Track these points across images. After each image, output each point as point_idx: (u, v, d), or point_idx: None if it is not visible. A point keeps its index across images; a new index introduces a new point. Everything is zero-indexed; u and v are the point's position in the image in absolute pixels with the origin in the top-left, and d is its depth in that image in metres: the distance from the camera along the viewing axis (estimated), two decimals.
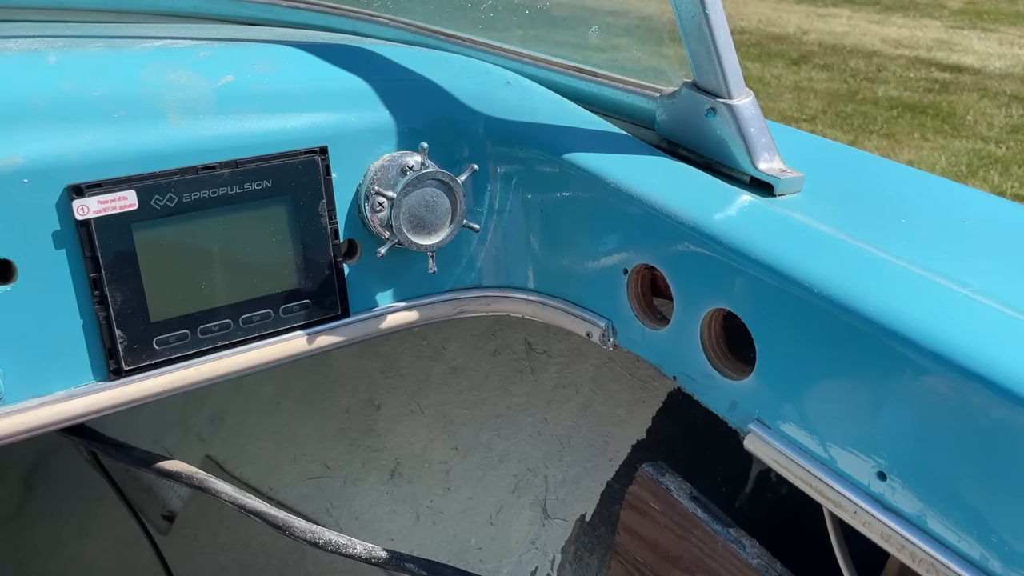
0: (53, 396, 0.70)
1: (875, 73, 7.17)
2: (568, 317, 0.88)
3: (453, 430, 1.37)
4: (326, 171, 0.79)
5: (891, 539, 0.62)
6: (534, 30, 1.12)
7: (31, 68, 0.72)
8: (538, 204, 0.87)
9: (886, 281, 0.64)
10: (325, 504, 1.45)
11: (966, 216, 0.80)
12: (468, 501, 1.34)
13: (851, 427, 0.64)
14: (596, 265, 0.83)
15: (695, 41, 0.79)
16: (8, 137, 0.66)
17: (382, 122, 0.82)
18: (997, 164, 5.18)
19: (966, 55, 7.83)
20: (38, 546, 1.79)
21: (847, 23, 9.17)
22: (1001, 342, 0.58)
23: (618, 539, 0.96)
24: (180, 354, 0.75)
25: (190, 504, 1.65)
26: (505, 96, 0.91)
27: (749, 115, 0.80)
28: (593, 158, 0.82)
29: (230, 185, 0.74)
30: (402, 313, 0.87)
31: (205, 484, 0.84)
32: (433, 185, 0.80)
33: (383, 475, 1.41)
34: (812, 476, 0.67)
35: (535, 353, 1.28)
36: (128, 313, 0.71)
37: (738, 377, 0.73)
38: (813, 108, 6.18)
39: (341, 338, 0.83)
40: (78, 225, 0.68)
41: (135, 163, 0.70)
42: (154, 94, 0.73)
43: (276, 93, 0.78)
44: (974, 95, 6.58)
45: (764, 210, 0.76)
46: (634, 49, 1.03)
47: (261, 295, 0.78)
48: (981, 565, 0.57)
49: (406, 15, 1.12)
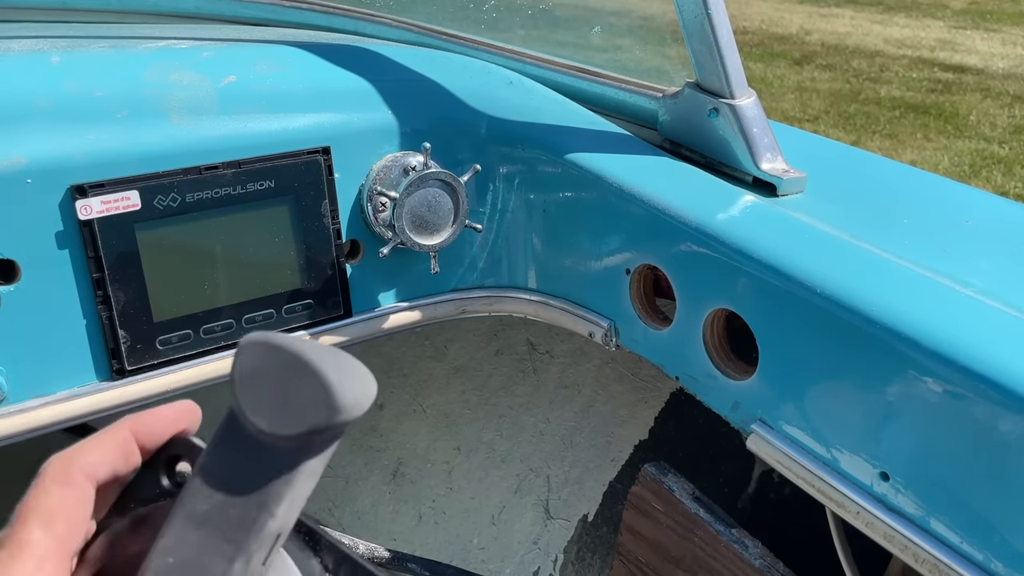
0: (56, 396, 0.70)
1: (878, 73, 7.16)
2: (570, 317, 0.88)
3: (455, 430, 1.37)
4: (329, 171, 0.79)
5: (894, 540, 0.62)
6: (536, 30, 1.12)
7: (35, 68, 0.73)
8: (540, 204, 0.87)
9: (889, 281, 0.64)
10: (327, 504, 1.45)
11: (969, 216, 0.80)
12: (470, 501, 1.34)
13: (854, 427, 0.64)
14: (598, 265, 0.83)
15: (698, 41, 0.79)
16: (12, 137, 0.66)
17: (385, 122, 0.82)
18: (1000, 164, 5.18)
19: (969, 55, 7.82)
20: None
21: (850, 23, 9.16)
22: (1003, 342, 0.57)
23: (620, 539, 0.96)
24: (183, 354, 0.75)
25: None
26: (508, 96, 0.91)
27: (752, 115, 0.80)
28: (595, 158, 0.82)
29: (233, 185, 0.74)
30: (405, 313, 0.87)
31: None
32: (436, 185, 0.80)
33: (385, 475, 1.41)
34: (815, 476, 0.67)
35: (537, 353, 1.28)
36: (131, 313, 0.71)
37: (740, 377, 0.73)
38: (816, 108, 6.17)
39: (343, 338, 0.83)
40: (81, 225, 0.68)
41: (138, 163, 0.70)
42: (157, 94, 0.73)
43: (279, 93, 0.78)
44: (977, 95, 6.57)
45: (767, 210, 0.76)
46: (636, 49, 1.03)
47: (264, 295, 0.78)
48: (984, 566, 0.57)
49: (409, 15, 1.12)
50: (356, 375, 0.37)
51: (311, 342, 0.38)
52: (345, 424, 0.36)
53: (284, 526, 0.38)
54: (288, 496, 0.37)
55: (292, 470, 0.37)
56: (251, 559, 0.37)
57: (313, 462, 0.37)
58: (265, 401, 0.36)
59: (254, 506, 0.37)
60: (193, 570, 0.37)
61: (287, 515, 0.37)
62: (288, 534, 0.39)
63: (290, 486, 0.37)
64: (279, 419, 0.36)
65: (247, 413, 0.37)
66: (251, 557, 0.37)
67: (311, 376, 0.35)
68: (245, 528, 0.37)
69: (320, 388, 0.35)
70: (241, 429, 0.37)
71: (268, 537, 0.37)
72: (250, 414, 0.37)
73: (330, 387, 0.35)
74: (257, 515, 0.37)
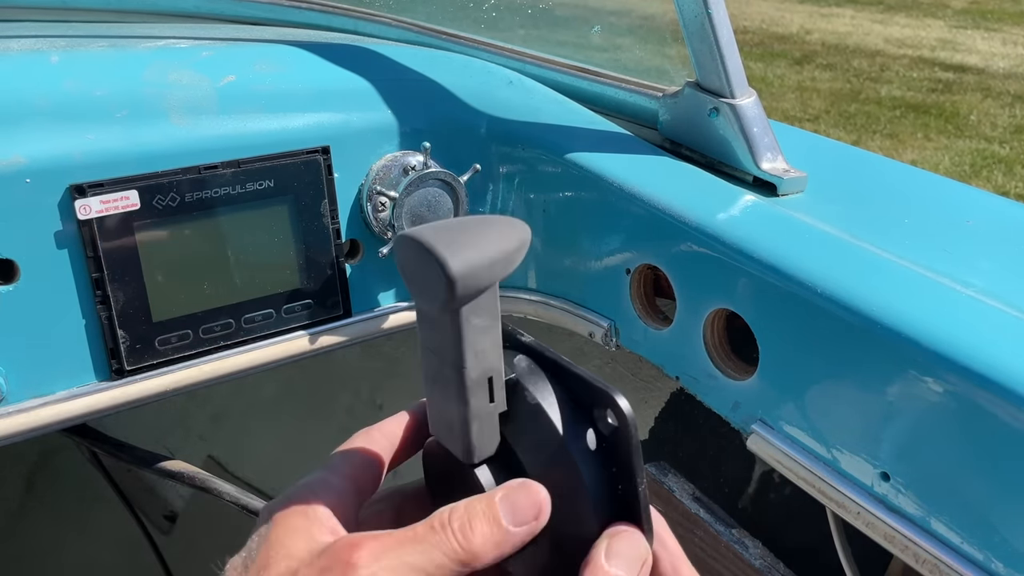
0: (55, 396, 0.70)
1: (878, 73, 7.16)
2: (570, 317, 0.88)
3: None
4: (328, 171, 0.79)
5: (895, 540, 0.62)
6: (536, 30, 1.11)
7: (33, 68, 0.72)
8: (540, 204, 0.87)
9: (889, 281, 0.64)
10: None
11: (969, 216, 0.80)
12: None
13: (854, 428, 0.64)
14: (599, 265, 0.83)
15: (698, 41, 0.78)
16: (10, 137, 0.66)
17: (384, 122, 0.82)
18: (1000, 164, 5.18)
19: (970, 55, 7.83)
20: (39, 545, 1.79)
21: (850, 23, 9.17)
22: (1004, 342, 0.57)
23: None
24: (182, 354, 0.75)
25: (192, 504, 1.65)
26: (507, 96, 0.91)
27: (752, 115, 0.80)
28: (595, 158, 0.82)
29: (232, 185, 0.74)
30: (404, 313, 0.87)
31: (207, 484, 0.83)
32: (435, 185, 0.80)
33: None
34: (815, 477, 0.67)
35: None
36: (130, 313, 0.71)
37: (741, 378, 0.73)
38: (816, 108, 6.17)
39: (343, 338, 0.83)
40: (80, 225, 0.68)
41: (137, 163, 0.70)
42: (156, 94, 0.73)
43: (278, 93, 0.78)
44: (977, 95, 6.57)
45: (767, 210, 0.76)
46: (637, 49, 1.03)
47: (263, 295, 0.77)
48: (985, 566, 0.57)
49: (408, 15, 1.12)
50: (482, 246, 0.44)
51: (447, 221, 0.46)
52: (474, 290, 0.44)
53: (484, 372, 0.46)
54: (468, 351, 0.45)
55: (459, 330, 0.45)
56: (469, 403, 0.46)
57: (476, 320, 0.45)
58: (416, 284, 0.44)
59: (450, 365, 0.46)
60: (445, 418, 0.48)
61: (478, 365, 0.46)
62: (501, 375, 0.47)
63: (466, 342, 0.45)
64: (427, 296, 0.44)
65: (413, 297, 0.46)
66: (469, 401, 0.46)
67: (428, 255, 0.42)
68: (454, 382, 0.46)
69: (435, 265, 0.42)
70: (420, 310, 0.47)
71: (477, 384, 0.46)
72: (413, 297, 0.46)
73: (443, 263, 0.42)
74: (454, 372, 0.46)
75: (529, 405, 0.48)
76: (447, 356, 0.46)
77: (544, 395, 0.48)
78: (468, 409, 0.47)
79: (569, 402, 0.48)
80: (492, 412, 0.48)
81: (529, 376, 0.49)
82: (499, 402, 0.48)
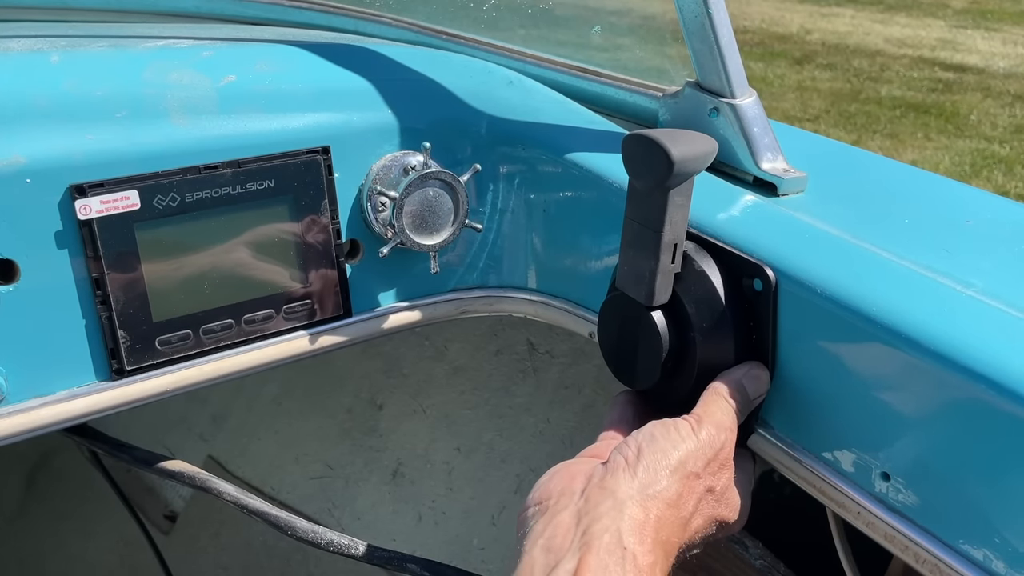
0: (55, 396, 0.70)
1: (878, 73, 7.16)
2: (571, 317, 0.88)
3: (455, 430, 1.37)
4: (328, 171, 0.79)
5: (895, 540, 0.62)
6: (536, 30, 1.11)
7: (34, 68, 0.72)
8: (541, 204, 0.87)
9: (889, 281, 0.64)
10: (327, 504, 1.45)
11: (969, 216, 0.80)
12: (470, 501, 1.34)
13: (855, 427, 0.64)
14: (599, 265, 0.83)
15: (698, 40, 0.78)
16: (10, 137, 0.66)
17: (384, 122, 0.82)
18: (1001, 164, 5.18)
19: (970, 55, 7.83)
20: (40, 546, 1.79)
21: (850, 22, 9.16)
22: (1005, 342, 0.57)
23: None
24: (182, 354, 0.75)
25: (192, 504, 1.65)
26: (508, 96, 0.91)
27: (752, 115, 0.80)
28: (596, 158, 0.82)
29: (232, 185, 0.74)
30: (404, 313, 0.87)
31: (207, 484, 0.83)
32: (436, 185, 0.80)
33: (385, 475, 1.41)
34: (815, 476, 0.67)
35: (537, 353, 1.28)
36: (130, 313, 0.71)
37: None
38: (816, 108, 6.17)
39: (343, 338, 0.83)
40: (80, 225, 0.68)
41: (137, 163, 0.70)
42: (156, 94, 0.73)
43: (278, 93, 0.78)
44: (978, 95, 6.57)
45: (767, 210, 0.76)
46: (637, 48, 1.03)
47: (263, 295, 0.77)
48: (985, 566, 0.57)
49: (409, 15, 1.12)
50: (692, 144, 0.63)
51: (665, 129, 0.67)
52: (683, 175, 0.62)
53: (674, 239, 0.64)
54: (668, 220, 0.63)
55: (664, 204, 0.63)
56: (660, 259, 0.64)
57: (677, 199, 0.63)
58: (638, 168, 0.63)
59: (652, 229, 0.64)
60: (635, 272, 0.66)
61: (671, 232, 0.64)
62: (683, 243, 0.66)
63: (665, 212, 0.63)
64: (647, 178, 0.63)
65: (631, 178, 0.65)
66: (659, 259, 0.64)
67: (656, 146, 0.61)
68: (651, 243, 0.64)
69: (662, 153, 0.60)
70: (635, 189, 0.65)
71: (667, 247, 0.64)
72: (633, 180, 0.65)
73: (666, 148, 0.60)
74: (653, 235, 0.64)
75: (696, 272, 0.67)
76: (650, 223, 0.63)
77: (708, 265, 0.67)
78: (657, 264, 0.64)
79: (723, 272, 0.67)
80: (671, 271, 0.65)
81: (696, 252, 0.68)
82: (677, 264, 0.66)
